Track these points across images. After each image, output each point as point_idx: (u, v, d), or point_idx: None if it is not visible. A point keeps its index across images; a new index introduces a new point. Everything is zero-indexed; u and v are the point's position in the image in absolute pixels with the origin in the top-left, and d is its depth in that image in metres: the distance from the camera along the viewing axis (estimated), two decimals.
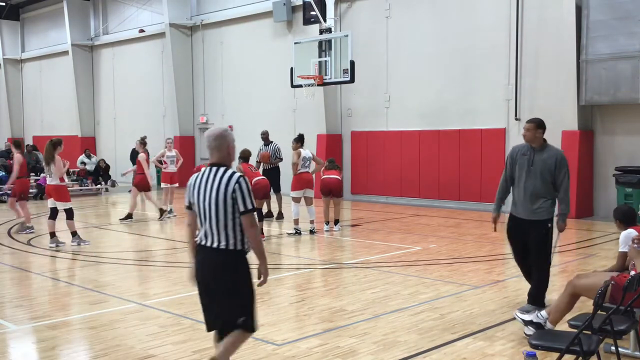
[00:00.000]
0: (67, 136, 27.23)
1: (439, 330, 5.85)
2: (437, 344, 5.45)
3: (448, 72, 15.92)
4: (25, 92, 31.59)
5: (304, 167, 11.83)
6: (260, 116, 20.22)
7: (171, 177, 14.71)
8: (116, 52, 26.18)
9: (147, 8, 24.13)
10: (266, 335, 5.72)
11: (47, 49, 29.22)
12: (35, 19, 30.57)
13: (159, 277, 8.60)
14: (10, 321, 6.35)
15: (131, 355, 5.27)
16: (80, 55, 27.09)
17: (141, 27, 24.33)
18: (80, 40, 26.94)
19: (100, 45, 26.94)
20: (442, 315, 6.31)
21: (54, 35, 28.65)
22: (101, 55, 27.07)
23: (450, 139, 15.85)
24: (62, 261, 9.55)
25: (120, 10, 25.82)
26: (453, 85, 15.84)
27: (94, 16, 27.22)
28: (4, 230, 12.77)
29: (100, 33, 26.95)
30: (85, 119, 27.52)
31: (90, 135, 27.58)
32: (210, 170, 4.18)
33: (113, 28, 26.29)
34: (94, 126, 27.73)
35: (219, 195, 4.10)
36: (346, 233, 12.04)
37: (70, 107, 27.78)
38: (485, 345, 5.37)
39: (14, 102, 31.65)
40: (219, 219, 4.12)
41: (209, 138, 4.23)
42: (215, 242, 4.17)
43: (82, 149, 24.41)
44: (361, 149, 17.73)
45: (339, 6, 17.79)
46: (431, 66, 16.25)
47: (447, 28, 15.90)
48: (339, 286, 7.85)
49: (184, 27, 22.61)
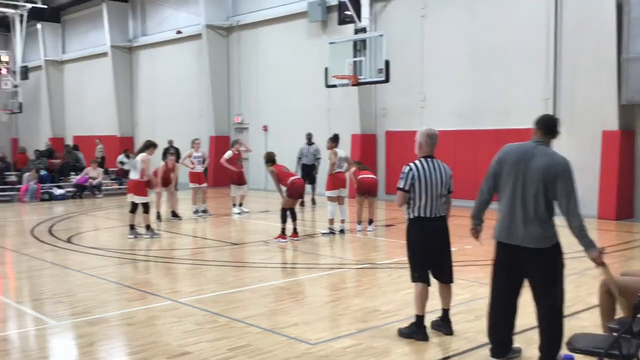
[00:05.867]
0: (107, 136, 27.85)
1: (474, 332, 5.79)
2: (473, 346, 5.40)
3: (484, 71, 15.73)
4: (66, 93, 32.32)
5: (339, 167, 11.85)
6: (294, 116, 20.32)
7: (199, 177, 14.81)
8: (154, 54, 26.59)
9: (184, 9, 24.44)
10: (300, 334, 5.75)
11: (87, 51, 29.85)
12: (75, 21, 31.25)
13: (193, 275, 8.70)
14: (51, 317, 6.50)
15: (168, 351, 5.35)
16: (119, 56, 27.60)
17: (178, 28, 24.66)
18: (119, 42, 27.45)
19: (138, 47, 27.40)
20: (477, 317, 6.24)
21: (94, 37, 29.23)
22: (139, 57, 27.53)
23: (486, 138, 15.65)
24: (101, 259, 9.75)
25: (158, 12, 26.21)
26: (489, 84, 15.64)
27: (132, 18, 27.70)
28: (44, 228, 13.09)
29: (138, 35, 27.41)
30: (124, 119, 28.03)
31: (128, 135, 28.07)
32: (428, 161, 5.55)
33: (151, 30, 26.71)
34: (132, 126, 28.21)
35: (443, 178, 5.55)
36: (380, 233, 12.00)
37: (109, 107, 28.33)
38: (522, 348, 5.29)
39: (56, 102, 32.41)
40: (442, 195, 5.56)
41: (433, 136, 5.57)
42: (439, 213, 5.59)
43: (121, 149, 24.85)
44: (396, 149, 17.64)
45: (374, 6, 17.74)
46: (467, 65, 16.08)
47: (483, 26, 15.72)
48: (373, 286, 7.83)
49: (220, 28, 22.84)
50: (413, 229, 5.64)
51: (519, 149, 4.73)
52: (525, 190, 4.57)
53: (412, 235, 5.65)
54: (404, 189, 5.54)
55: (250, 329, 5.93)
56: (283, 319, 6.31)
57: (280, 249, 10.49)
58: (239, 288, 7.72)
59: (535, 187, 4.53)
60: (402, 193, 5.56)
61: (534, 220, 4.56)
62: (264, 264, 9.21)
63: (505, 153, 4.76)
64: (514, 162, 4.65)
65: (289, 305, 6.90)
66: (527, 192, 4.56)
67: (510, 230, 4.66)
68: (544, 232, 4.57)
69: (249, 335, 5.74)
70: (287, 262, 9.94)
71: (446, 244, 5.70)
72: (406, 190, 5.53)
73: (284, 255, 10.20)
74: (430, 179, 5.50)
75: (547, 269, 4.62)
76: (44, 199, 18.65)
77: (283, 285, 7.97)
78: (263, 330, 5.90)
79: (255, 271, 8.85)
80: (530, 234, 4.56)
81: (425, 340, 5.54)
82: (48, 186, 19.38)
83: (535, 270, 4.64)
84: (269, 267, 9.14)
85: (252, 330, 5.91)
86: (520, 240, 4.60)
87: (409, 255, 5.71)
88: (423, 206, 5.53)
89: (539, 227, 4.55)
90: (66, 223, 14.01)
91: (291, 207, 11.00)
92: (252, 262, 9.45)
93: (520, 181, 4.59)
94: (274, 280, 8.28)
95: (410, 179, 5.52)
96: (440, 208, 5.60)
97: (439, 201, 5.58)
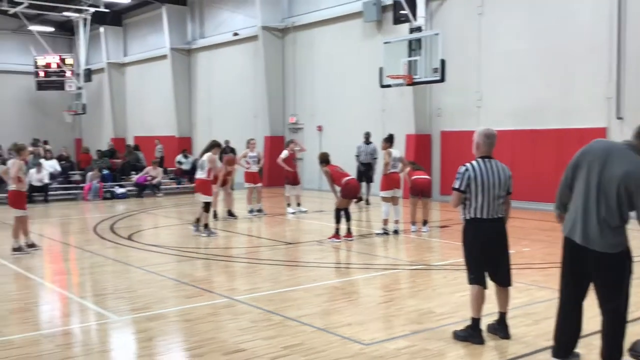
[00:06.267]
0: (166, 136, 28.52)
1: (532, 336, 5.66)
2: (531, 351, 5.28)
3: (543, 70, 15.34)
4: (127, 94, 33.27)
5: (393, 167, 11.78)
6: (349, 116, 20.31)
7: (254, 177, 14.95)
8: (211, 56, 27.08)
9: (241, 12, 24.80)
10: (354, 334, 5.74)
11: (147, 53, 30.63)
12: (136, 24, 32.13)
13: (249, 273, 8.82)
14: (112, 312, 6.70)
15: (223, 348, 5.44)
16: (178, 58, 28.23)
17: (235, 30, 25.04)
18: (178, 45, 28.08)
19: (196, 49, 27.96)
20: (535, 322, 6.10)
21: (154, 40, 29.99)
22: (197, 59, 28.08)
23: (546, 138, 15.26)
24: (160, 256, 9.99)
25: (216, 14, 26.68)
26: (549, 83, 15.24)
27: (191, 21, 28.28)
28: (106, 225, 13.50)
29: (196, 37, 27.96)
30: (182, 120, 28.65)
31: (186, 135, 28.68)
32: (485, 161, 5.48)
33: (208, 32, 27.20)
34: (190, 127, 28.81)
35: (501, 179, 5.46)
36: (435, 234, 11.87)
37: (168, 108, 29.01)
38: (582, 353, 5.14)
39: (117, 104, 33.41)
40: (501, 196, 5.47)
41: (491, 136, 5.50)
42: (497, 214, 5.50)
43: (180, 149, 25.40)
44: (451, 149, 17.41)
45: (429, 4, 17.56)
46: (525, 63, 15.71)
47: (542, 23, 15.33)
48: (428, 288, 7.75)
49: (276, 30, 23.06)
50: (469, 230, 5.57)
51: (605, 147, 4.53)
52: (600, 192, 4.39)
53: (468, 237, 5.58)
54: (459, 189, 5.48)
55: (304, 328, 5.97)
56: (337, 318, 6.32)
57: (333, 248, 10.52)
58: (293, 287, 7.78)
59: (611, 191, 4.34)
60: (457, 193, 5.50)
61: (603, 224, 4.38)
62: (318, 264, 9.25)
63: (590, 147, 4.58)
64: (595, 159, 4.43)
65: (342, 305, 6.91)
66: (601, 194, 4.39)
67: (578, 228, 4.48)
68: (614, 238, 4.39)
69: (303, 334, 5.78)
70: (340, 262, 9.95)
71: (504, 246, 5.60)
72: (462, 190, 5.47)
73: (338, 255, 10.21)
74: (487, 180, 5.43)
75: (613, 275, 4.44)
76: (106, 198, 19.26)
77: (337, 285, 7.99)
78: (317, 329, 5.93)
79: (309, 270, 8.90)
80: (598, 237, 4.39)
81: (481, 343, 5.46)
82: (110, 185, 20.01)
83: (600, 275, 4.47)
84: (323, 266, 9.17)
85: (305, 329, 5.95)
86: (588, 242, 4.43)
87: (465, 257, 5.64)
88: (479, 207, 5.46)
89: (609, 231, 4.38)
90: (127, 221, 14.43)
91: (345, 207, 11.01)
92: (306, 261, 9.51)
93: (596, 180, 4.40)
94: (327, 280, 8.31)
95: (466, 179, 5.45)
96: (498, 209, 5.51)
97: (497, 202, 5.49)
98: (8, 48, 35.35)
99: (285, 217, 14.67)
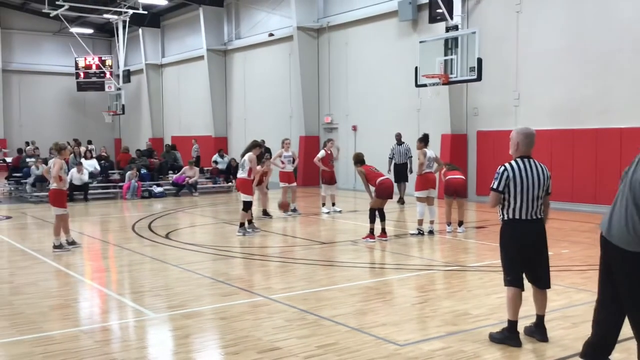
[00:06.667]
0: (202, 136, 28.87)
1: (570, 339, 5.56)
2: (569, 354, 5.19)
3: (583, 68, 15.04)
4: (165, 95, 33.78)
5: (428, 167, 11.71)
6: (383, 116, 20.25)
7: (289, 176, 15.00)
8: (247, 56, 27.30)
9: (277, 12, 24.94)
10: (388, 335, 5.73)
11: (185, 54, 31.06)
12: (173, 26, 32.59)
13: (283, 272, 8.86)
14: (150, 309, 6.82)
15: (258, 346, 5.48)
16: (214, 59, 28.55)
17: (270, 31, 25.19)
18: (215, 45, 28.39)
19: (232, 50, 28.22)
20: (574, 324, 6.00)
21: (191, 41, 30.38)
22: (233, 59, 28.34)
23: (585, 138, 14.97)
24: (196, 254, 10.12)
25: (252, 15, 26.89)
26: (589, 81, 14.93)
27: (227, 22, 28.56)
28: (144, 224, 13.73)
29: (233, 38, 28.23)
30: (218, 120, 28.95)
31: (222, 135, 28.97)
32: (525, 161, 5.41)
33: (244, 33, 27.43)
34: (226, 127, 29.09)
35: (541, 179, 5.40)
36: (470, 235, 11.75)
37: (204, 108, 29.36)
38: (621, 357, 5.04)
39: (155, 104, 33.96)
40: (540, 197, 5.42)
41: (530, 136, 5.44)
42: (536, 215, 5.43)
43: (216, 149, 25.66)
44: (488, 149, 17.21)
45: (466, 3, 17.39)
46: (565, 62, 15.43)
47: (582, 21, 15.03)
48: (463, 289, 7.68)
49: (311, 30, 23.12)
50: (507, 230, 5.50)
51: None
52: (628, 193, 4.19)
53: (506, 237, 5.51)
54: (497, 189, 5.42)
55: (338, 328, 5.98)
56: (371, 318, 6.31)
57: (368, 248, 10.50)
58: (327, 287, 7.80)
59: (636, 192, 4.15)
60: (495, 194, 5.44)
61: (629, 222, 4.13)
62: (353, 264, 9.25)
63: None
64: (637, 159, 4.19)
65: (377, 305, 6.90)
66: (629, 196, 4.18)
67: (607, 220, 4.28)
68: (637, 236, 4.12)
69: (337, 334, 5.79)
70: (375, 262, 9.93)
71: (543, 247, 5.51)
72: (500, 191, 5.41)
73: (372, 255, 10.19)
74: (526, 180, 5.36)
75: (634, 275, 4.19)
76: (144, 197, 19.58)
77: (371, 285, 7.97)
78: (351, 329, 5.93)
79: (344, 270, 8.90)
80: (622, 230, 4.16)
81: (518, 346, 5.39)
82: (148, 184, 20.32)
83: (620, 274, 4.26)
84: (357, 266, 9.16)
85: (340, 328, 5.96)
86: (611, 235, 4.23)
87: (502, 258, 5.57)
88: (518, 208, 5.38)
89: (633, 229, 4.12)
90: (164, 219, 14.65)
91: (380, 207, 10.99)
92: (341, 261, 9.51)
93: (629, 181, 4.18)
94: (362, 280, 8.30)
95: (504, 179, 5.39)
96: (537, 210, 5.43)
97: (536, 203, 5.41)
98: (50, 50, 36.29)
99: (319, 217, 14.70)
